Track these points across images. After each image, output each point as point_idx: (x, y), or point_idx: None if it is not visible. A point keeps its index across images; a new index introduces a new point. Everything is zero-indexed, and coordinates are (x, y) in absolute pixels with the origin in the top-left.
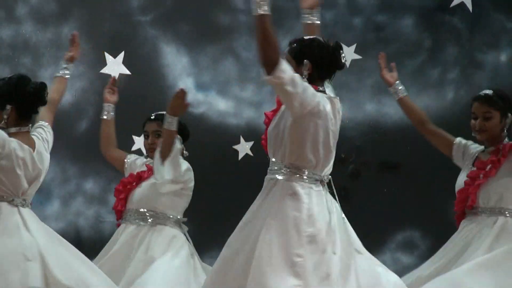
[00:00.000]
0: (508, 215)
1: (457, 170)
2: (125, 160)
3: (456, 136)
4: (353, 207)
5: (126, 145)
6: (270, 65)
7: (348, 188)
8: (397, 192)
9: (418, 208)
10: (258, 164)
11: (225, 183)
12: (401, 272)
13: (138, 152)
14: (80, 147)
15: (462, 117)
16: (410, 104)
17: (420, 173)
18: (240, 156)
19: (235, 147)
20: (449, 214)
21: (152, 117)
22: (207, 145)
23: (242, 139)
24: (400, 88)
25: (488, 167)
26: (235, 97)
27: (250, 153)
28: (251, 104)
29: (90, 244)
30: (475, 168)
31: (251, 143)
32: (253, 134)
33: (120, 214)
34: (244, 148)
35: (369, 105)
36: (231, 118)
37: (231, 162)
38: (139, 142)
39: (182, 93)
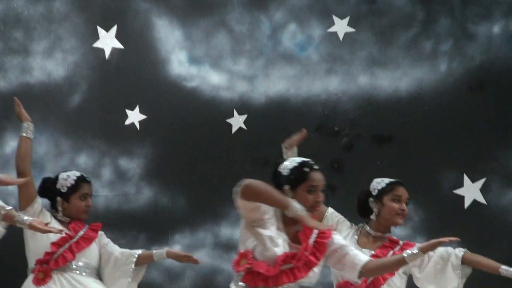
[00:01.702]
0: None
1: (451, 143)
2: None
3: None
4: (346, 180)
5: (119, 120)
6: None
7: (341, 161)
8: (390, 165)
9: (411, 180)
10: (252, 138)
11: (219, 157)
12: None
13: (131, 126)
14: (73, 121)
15: (455, 89)
16: None
17: (413, 146)
18: (234, 129)
19: (229, 120)
20: (442, 186)
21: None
22: (200, 118)
23: (235, 113)
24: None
25: None
26: (228, 70)
27: (243, 126)
28: (244, 78)
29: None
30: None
31: (244, 117)
32: (247, 107)
33: None
34: (237, 121)
35: (363, 78)
36: (224, 92)
37: (225, 136)
38: (132, 116)
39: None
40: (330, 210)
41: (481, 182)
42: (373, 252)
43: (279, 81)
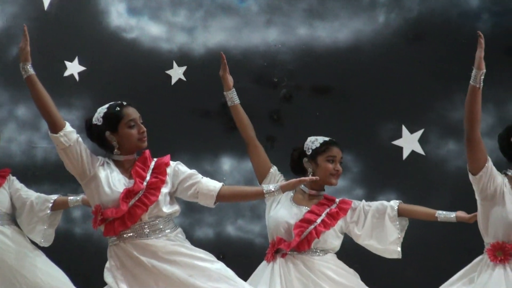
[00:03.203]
0: None
1: (389, 94)
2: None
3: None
4: (285, 131)
5: (58, 71)
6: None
7: (280, 112)
8: (329, 116)
9: (350, 132)
10: (191, 89)
11: (158, 108)
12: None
13: (70, 78)
14: (11, 73)
15: (393, 40)
16: (241, 112)
17: (352, 97)
18: (173, 81)
19: (168, 72)
20: (381, 137)
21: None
22: (139, 70)
23: (175, 64)
24: (234, 95)
25: None
26: (168, 22)
27: (183, 77)
28: (184, 29)
29: (22, 170)
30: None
31: (184, 68)
32: (186, 59)
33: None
34: (177, 73)
35: (302, 29)
36: (164, 43)
37: (164, 87)
38: (71, 67)
39: None
40: (274, 168)
41: (419, 133)
42: (308, 208)
43: (218, 32)
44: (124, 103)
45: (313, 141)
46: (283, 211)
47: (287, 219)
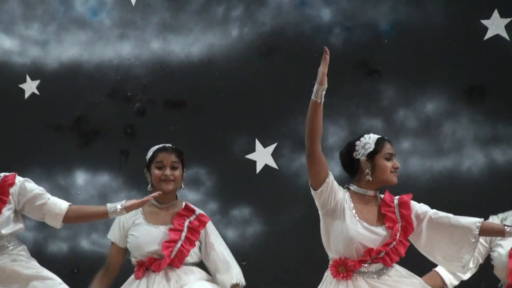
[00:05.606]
0: None
1: (242, 108)
2: None
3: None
4: (139, 145)
5: None
6: None
7: (134, 126)
8: (183, 130)
9: (204, 145)
10: (45, 103)
11: (11, 123)
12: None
13: None
14: None
15: (247, 54)
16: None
17: (206, 111)
18: (26, 95)
19: (21, 86)
20: (234, 151)
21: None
22: None
23: (28, 78)
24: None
25: None
26: (20, 35)
27: (36, 91)
28: (37, 43)
29: None
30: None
31: (37, 82)
32: (39, 72)
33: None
34: (30, 87)
35: (155, 43)
36: (16, 57)
37: (17, 101)
38: None
39: None
40: None
41: (272, 147)
42: (167, 226)
43: (71, 46)
44: None
45: (149, 152)
46: (145, 237)
47: (151, 243)
